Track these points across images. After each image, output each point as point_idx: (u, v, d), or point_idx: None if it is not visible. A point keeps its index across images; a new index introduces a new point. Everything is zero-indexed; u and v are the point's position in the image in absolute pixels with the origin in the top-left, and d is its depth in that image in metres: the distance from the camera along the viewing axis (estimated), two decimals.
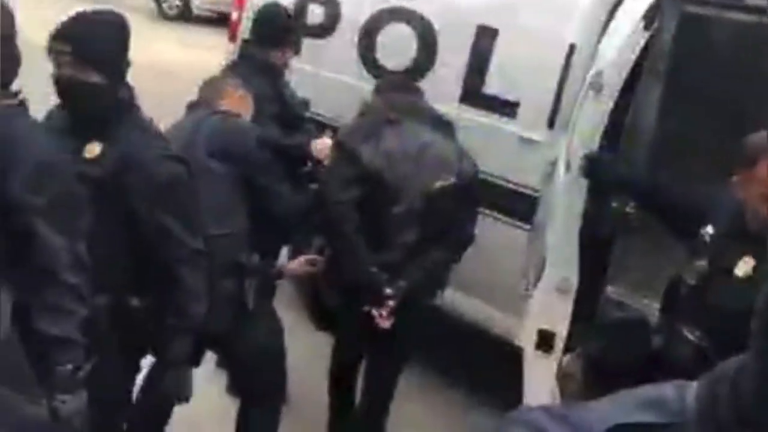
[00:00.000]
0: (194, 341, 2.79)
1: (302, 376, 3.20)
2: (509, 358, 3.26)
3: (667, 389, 0.81)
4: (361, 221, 2.92)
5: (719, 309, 2.27)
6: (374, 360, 3.30)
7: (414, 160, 2.95)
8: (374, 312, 2.91)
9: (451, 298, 3.54)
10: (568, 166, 2.94)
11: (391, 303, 2.91)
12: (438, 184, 2.95)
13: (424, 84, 3.74)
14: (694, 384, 0.80)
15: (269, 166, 2.93)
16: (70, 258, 1.99)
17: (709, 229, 2.42)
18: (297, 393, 3.20)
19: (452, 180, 2.97)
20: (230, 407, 3.57)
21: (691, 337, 2.36)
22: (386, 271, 2.93)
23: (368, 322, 3.05)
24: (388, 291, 2.91)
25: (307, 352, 3.24)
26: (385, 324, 2.92)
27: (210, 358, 3.20)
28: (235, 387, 3.31)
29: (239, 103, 3.03)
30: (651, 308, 3.48)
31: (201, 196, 2.62)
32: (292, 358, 3.12)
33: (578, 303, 3.00)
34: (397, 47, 3.89)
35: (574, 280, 2.96)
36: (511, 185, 3.50)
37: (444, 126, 3.12)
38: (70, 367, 2.00)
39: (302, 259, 3.25)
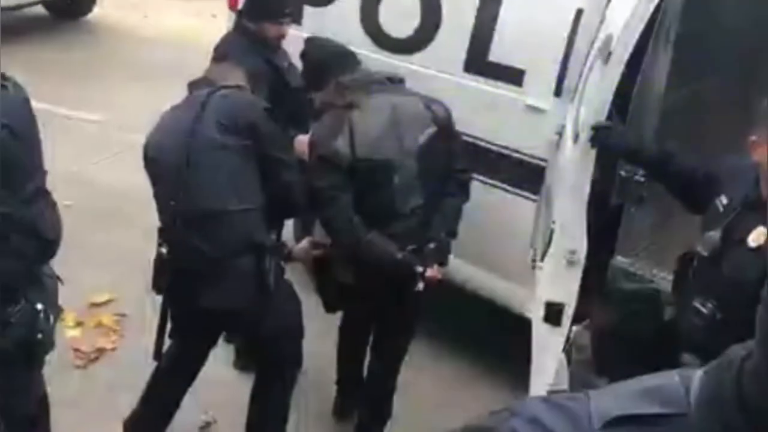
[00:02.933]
0: (211, 319, 2.79)
1: (310, 352, 3.19)
2: (516, 330, 3.23)
3: (671, 377, 0.79)
4: (369, 206, 2.92)
5: (732, 280, 2.22)
6: (382, 335, 3.29)
7: (391, 128, 2.94)
8: (427, 273, 2.95)
9: (458, 269, 3.51)
10: (575, 136, 2.87)
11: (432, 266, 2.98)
12: (422, 138, 2.97)
13: (428, 52, 3.69)
14: (699, 372, 0.77)
15: (278, 137, 2.92)
16: None
17: (723, 199, 2.37)
18: (305, 369, 3.20)
19: (433, 128, 2.99)
20: (235, 379, 3.59)
21: (703, 309, 2.32)
22: (403, 239, 2.94)
23: (380, 298, 3.09)
24: (419, 269, 2.94)
25: (314, 329, 3.22)
26: (438, 276, 3.00)
27: None
28: (253, 360, 3.31)
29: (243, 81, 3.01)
30: (660, 278, 3.45)
31: (218, 172, 2.70)
32: None
33: (587, 273, 2.96)
34: (400, 14, 3.81)
35: (582, 251, 2.90)
36: (517, 155, 3.44)
37: (397, 82, 3.12)
38: None
39: (306, 242, 3.23)
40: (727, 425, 0.69)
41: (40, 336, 2.10)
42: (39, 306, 2.09)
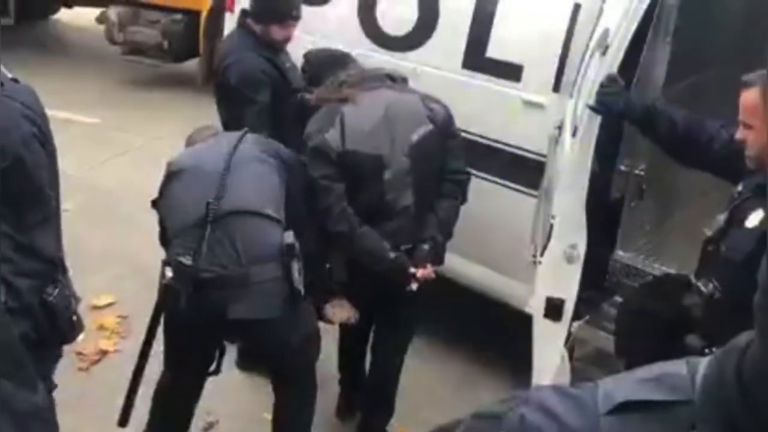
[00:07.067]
0: (238, 331, 2.76)
1: None
2: (518, 326, 3.23)
3: (679, 365, 0.80)
4: (361, 202, 2.92)
5: (728, 259, 2.25)
6: (381, 333, 3.29)
7: (384, 124, 2.93)
8: (419, 273, 2.93)
9: (458, 265, 3.51)
10: (574, 130, 2.87)
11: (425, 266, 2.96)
12: (415, 136, 2.95)
13: (426, 49, 3.68)
14: (705, 360, 0.78)
15: (300, 164, 2.97)
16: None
17: (740, 186, 2.37)
18: None
19: (429, 127, 2.97)
20: (238, 380, 3.57)
21: (703, 288, 2.34)
22: (396, 238, 2.93)
23: (375, 297, 3.07)
24: (412, 270, 2.93)
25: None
26: (431, 276, 2.98)
27: None
28: (256, 362, 3.30)
29: None
30: (659, 273, 3.44)
31: (258, 178, 2.81)
32: None
33: (587, 268, 2.96)
34: (397, 13, 3.80)
35: (582, 247, 2.90)
36: (516, 150, 3.43)
37: (397, 78, 3.11)
38: None
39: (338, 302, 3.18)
40: (729, 412, 0.70)
41: (75, 318, 2.15)
42: (67, 291, 2.15)
